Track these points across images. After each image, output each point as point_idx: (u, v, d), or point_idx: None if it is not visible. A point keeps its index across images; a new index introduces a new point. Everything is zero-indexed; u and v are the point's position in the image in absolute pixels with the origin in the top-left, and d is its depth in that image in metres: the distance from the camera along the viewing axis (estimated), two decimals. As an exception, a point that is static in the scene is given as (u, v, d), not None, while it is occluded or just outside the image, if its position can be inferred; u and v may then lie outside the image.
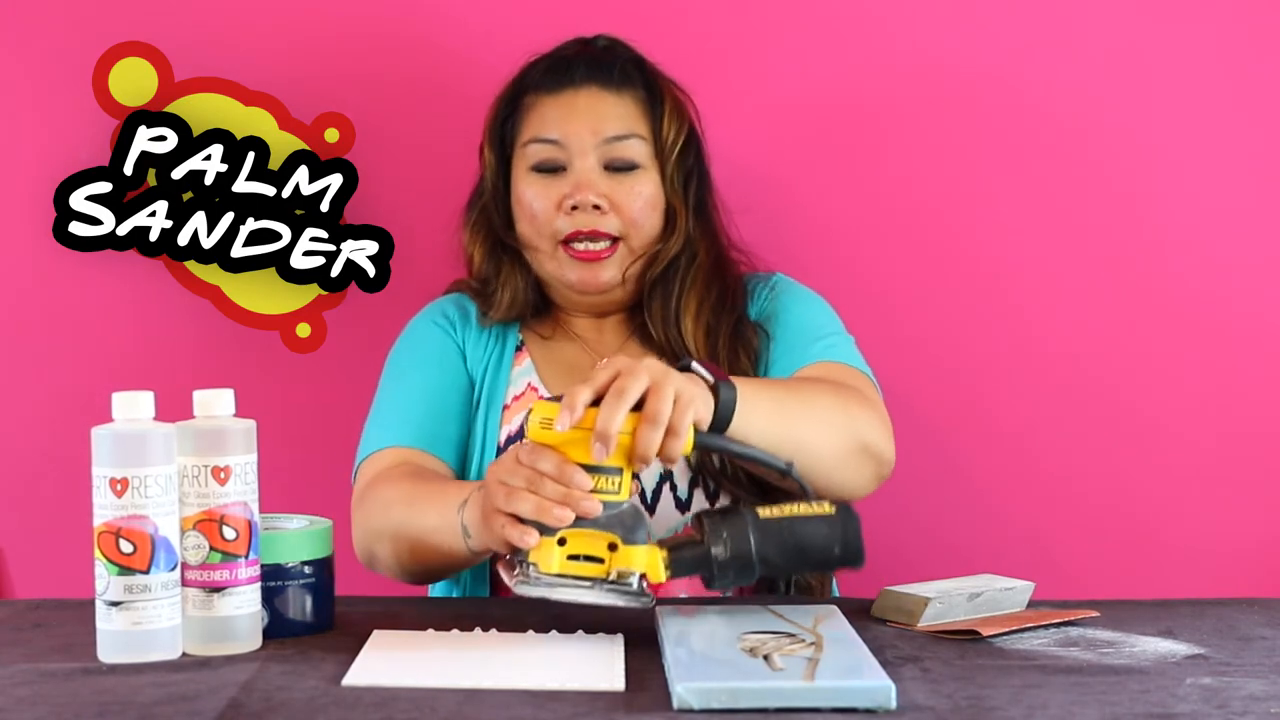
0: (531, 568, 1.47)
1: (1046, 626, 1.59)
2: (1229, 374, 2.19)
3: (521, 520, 1.48)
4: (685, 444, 1.49)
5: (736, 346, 1.91)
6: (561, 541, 1.48)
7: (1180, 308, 2.19)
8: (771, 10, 2.19)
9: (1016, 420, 2.20)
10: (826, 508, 1.53)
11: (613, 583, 1.48)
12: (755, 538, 1.51)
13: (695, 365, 1.58)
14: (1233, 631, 1.58)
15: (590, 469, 1.47)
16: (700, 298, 1.92)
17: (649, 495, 1.86)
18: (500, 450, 1.89)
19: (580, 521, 1.46)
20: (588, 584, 1.48)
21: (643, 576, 1.49)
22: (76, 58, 2.17)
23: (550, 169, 1.91)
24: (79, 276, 2.20)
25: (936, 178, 2.20)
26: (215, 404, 1.52)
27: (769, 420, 1.60)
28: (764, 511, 1.52)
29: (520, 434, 1.88)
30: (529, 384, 1.93)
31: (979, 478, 2.20)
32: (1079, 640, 1.55)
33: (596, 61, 1.94)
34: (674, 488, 1.86)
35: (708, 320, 1.92)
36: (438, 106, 2.20)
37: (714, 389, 1.56)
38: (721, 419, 1.55)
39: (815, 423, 1.67)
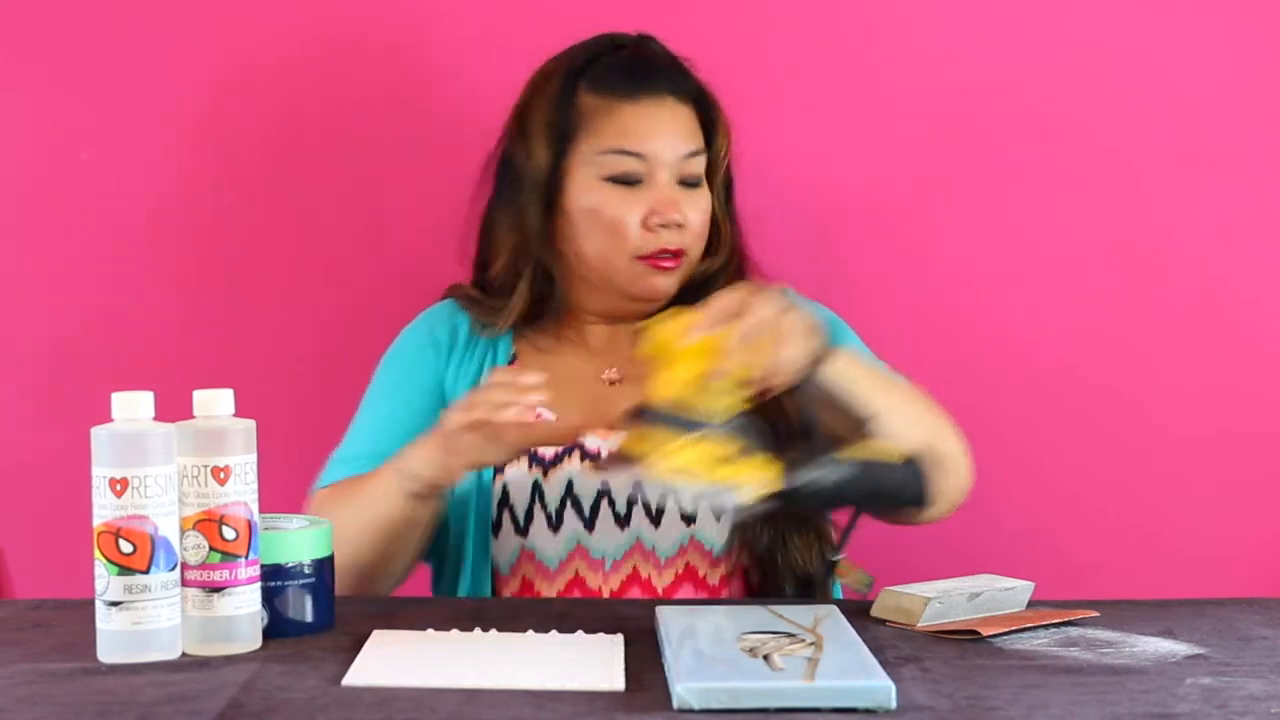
0: (657, 463, 1.49)
1: (1046, 626, 1.59)
2: (1229, 374, 2.19)
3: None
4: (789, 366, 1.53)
5: None
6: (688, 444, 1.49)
7: (1180, 308, 2.19)
8: (780, 11, 2.19)
9: (1017, 420, 2.20)
10: (896, 454, 1.57)
11: (726, 488, 1.49)
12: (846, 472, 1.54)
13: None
14: (1233, 631, 1.58)
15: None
16: None
17: (586, 511, 1.84)
18: (498, 467, 1.86)
19: (701, 429, 1.49)
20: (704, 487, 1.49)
21: (751, 485, 1.49)
22: (75, 55, 2.18)
23: (629, 181, 1.86)
24: (79, 276, 2.20)
25: (937, 177, 2.20)
26: (215, 404, 1.52)
27: (859, 381, 1.62)
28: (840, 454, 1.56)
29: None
30: None
31: (979, 478, 2.19)
32: (1079, 640, 1.55)
33: (665, 67, 1.90)
34: (612, 504, 1.84)
35: None
36: (436, 106, 2.20)
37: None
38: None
39: (906, 409, 1.69)
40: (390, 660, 1.46)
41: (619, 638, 1.53)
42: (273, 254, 2.22)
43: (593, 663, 1.44)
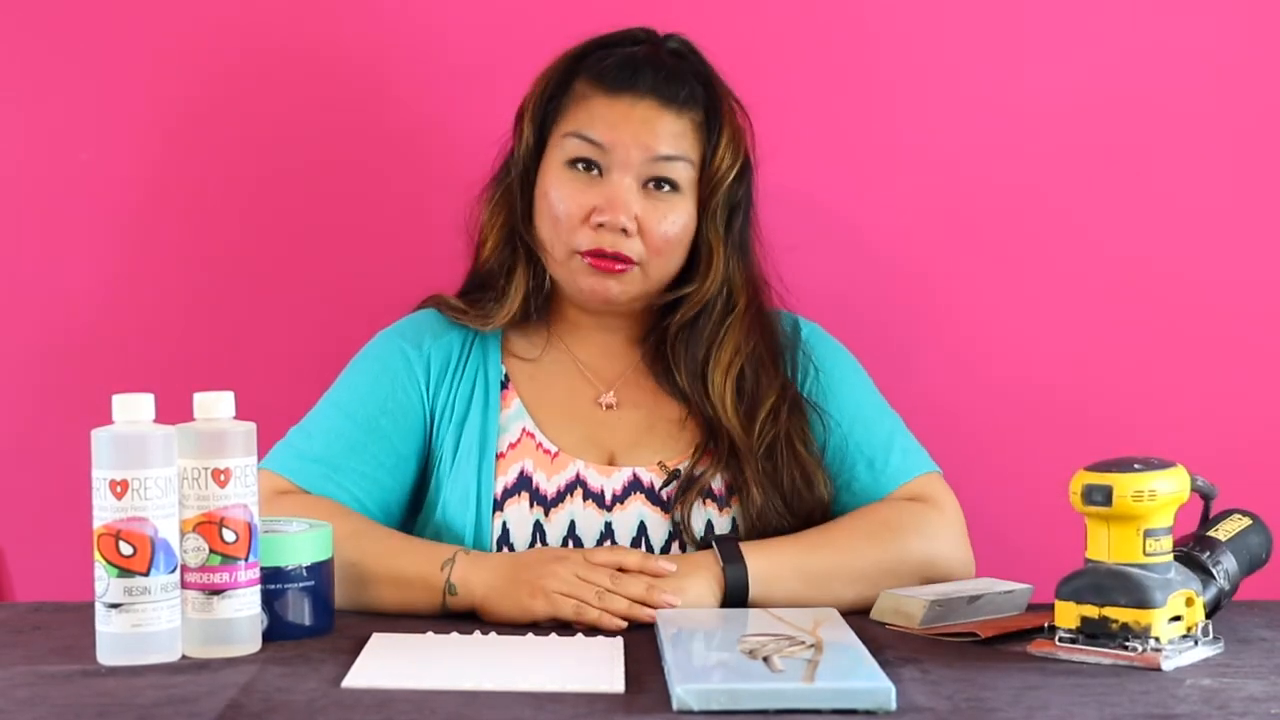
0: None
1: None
2: (1224, 378, 2.19)
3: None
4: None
5: (791, 429, 1.82)
6: None
7: (1179, 309, 2.19)
8: (785, 16, 2.19)
9: (1017, 425, 2.20)
10: (1248, 519, 1.69)
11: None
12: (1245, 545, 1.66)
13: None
14: (1233, 632, 1.58)
15: None
16: (735, 348, 1.82)
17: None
18: (497, 503, 1.78)
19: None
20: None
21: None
22: (74, 55, 2.18)
23: (586, 168, 1.78)
24: (79, 276, 2.20)
25: (939, 179, 2.19)
26: (215, 406, 1.52)
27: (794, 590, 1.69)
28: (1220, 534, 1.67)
29: (517, 487, 1.79)
30: (524, 429, 1.83)
31: (978, 479, 2.20)
32: (1079, 641, 1.55)
33: (664, 71, 1.80)
34: (615, 545, 1.77)
35: (739, 373, 1.82)
36: (438, 106, 2.20)
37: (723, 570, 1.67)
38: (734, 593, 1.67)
39: (852, 582, 1.71)
40: (390, 662, 1.46)
41: (619, 640, 1.53)
42: (273, 255, 2.21)
43: (593, 664, 1.44)
